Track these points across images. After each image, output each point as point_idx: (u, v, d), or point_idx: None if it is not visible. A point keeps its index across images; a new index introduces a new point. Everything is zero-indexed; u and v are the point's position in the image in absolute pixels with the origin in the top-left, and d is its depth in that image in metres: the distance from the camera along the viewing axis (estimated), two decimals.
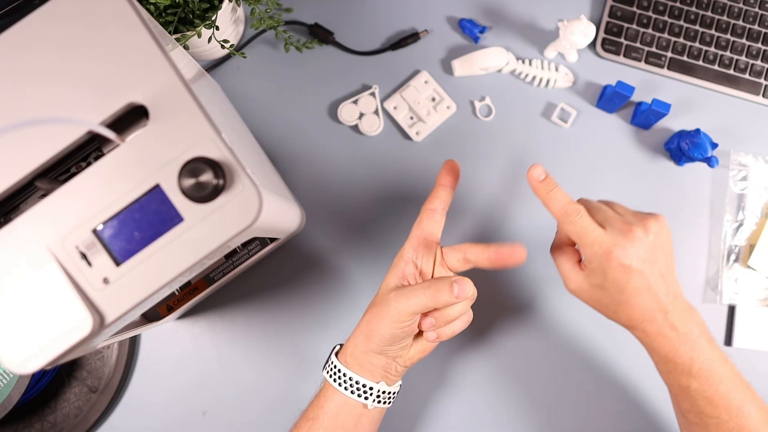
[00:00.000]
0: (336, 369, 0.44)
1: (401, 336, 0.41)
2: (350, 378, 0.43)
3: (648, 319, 0.40)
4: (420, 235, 0.45)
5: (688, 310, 0.41)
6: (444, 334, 0.43)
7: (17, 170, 0.30)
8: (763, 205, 0.60)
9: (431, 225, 0.45)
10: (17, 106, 0.30)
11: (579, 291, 0.42)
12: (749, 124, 0.62)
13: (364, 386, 0.43)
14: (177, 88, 0.30)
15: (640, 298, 0.39)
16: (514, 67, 0.61)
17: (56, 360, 0.29)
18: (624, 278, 0.38)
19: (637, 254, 0.38)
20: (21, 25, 0.31)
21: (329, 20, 0.61)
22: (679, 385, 0.41)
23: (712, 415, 0.41)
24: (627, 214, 0.41)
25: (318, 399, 0.45)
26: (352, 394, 0.43)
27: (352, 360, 0.44)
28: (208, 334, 0.57)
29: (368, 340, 0.42)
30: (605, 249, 0.38)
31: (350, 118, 0.59)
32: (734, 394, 0.40)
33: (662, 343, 0.40)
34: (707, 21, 0.62)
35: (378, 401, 0.44)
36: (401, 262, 0.44)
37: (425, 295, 0.40)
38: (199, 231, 0.30)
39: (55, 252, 0.29)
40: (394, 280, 0.44)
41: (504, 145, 0.60)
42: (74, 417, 0.55)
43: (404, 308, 0.40)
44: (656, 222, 0.40)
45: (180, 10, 0.49)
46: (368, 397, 0.43)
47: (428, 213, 0.45)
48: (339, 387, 0.43)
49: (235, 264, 0.53)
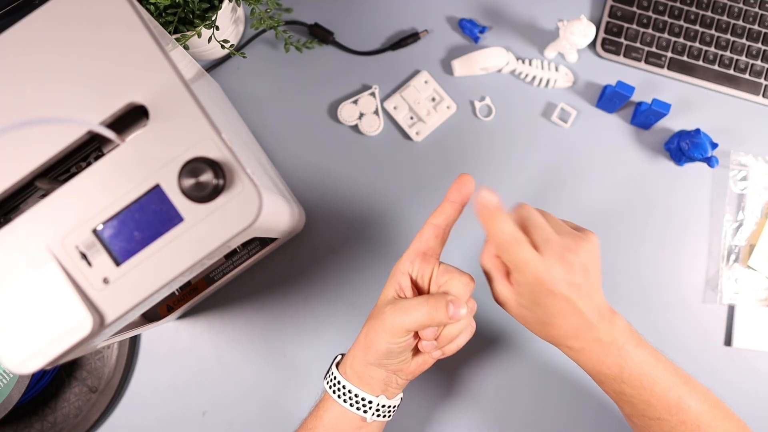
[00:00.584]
0: (336, 381, 0.43)
1: (398, 351, 0.41)
2: (349, 391, 0.42)
3: (572, 337, 0.39)
4: (419, 249, 0.43)
5: (612, 319, 0.40)
6: (449, 351, 0.42)
7: (17, 170, 0.30)
8: (763, 205, 0.60)
9: (432, 240, 0.43)
10: (17, 106, 0.30)
11: (505, 305, 0.41)
12: (749, 124, 0.62)
13: (363, 399, 0.42)
14: (177, 88, 0.30)
15: (565, 319, 0.38)
16: (514, 67, 0.61)
17: (56, 360, 0.29)
18: (551, 303, 0.38)
19: (567, 279, 0.37)
20: (21, 25, 0.31)
21: (329, 20, 0.61)
22: (614, 393, 0.41)
23: (654, 416, 0.40)
24: (563, 232, 0.39)
25: (317, 410, 0.44)
26: (351, 407, 0.42)
27: (351, 372, 0.43)
28: (208, 334, 0.57)
29: (366, 353, 0.42)
30: (537, 277, 0.37)
31: (350, 118, 0.59)
32: (671, 392, 0.40)
33: (588, 357, 0.40)
34: (707, 21, 0.62)
35: (378, 415, 0.43)
36: (398, 274, 0.43)
37: (420, 313, 0.39)
38: (199, 231, 0.30)
39: (55, 252, 0.29)
40: (391, 292, 0.43)
41: (504, 145, 0.60)
42: (74, 417, 0.55)
43: (399, 324, 0.39)
44: (588, 242, 0.39)
45: (180, 10, 0.49)
46: (367, 410, 0.42)
47: (431, 228, 0.43)
48: (338, 399, 0.43)
49: (235, 264, 0.53)
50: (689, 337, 0.58)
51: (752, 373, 0.58)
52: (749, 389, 0.58)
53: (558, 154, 0.60)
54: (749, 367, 0.58)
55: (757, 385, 0.58)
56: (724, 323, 0.59)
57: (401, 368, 0.43)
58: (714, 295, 0.59)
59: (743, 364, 0.58)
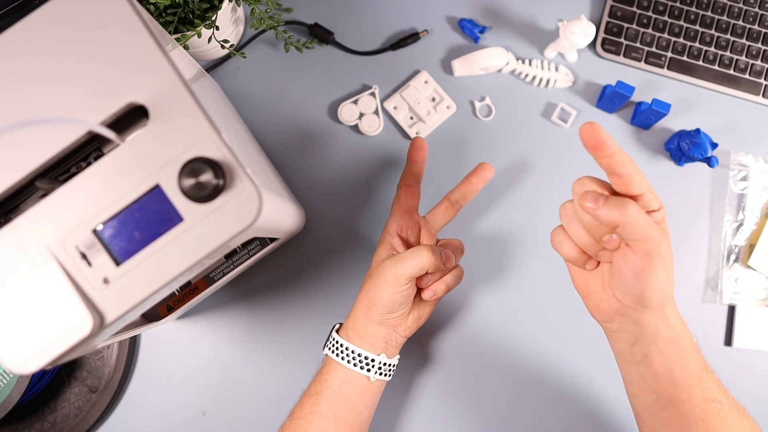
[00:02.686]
0: (339, 344, 0.46)
1: (400, 301, 0.44)
2: (353, 351, 0.45)
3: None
4: (400, 210, 0.49)
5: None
6: (439, 290, 0.47)
7: (17, 170, 0.30)
8: (763, 205, 0.60)
9: (409, 199, 0.50)
10: (17, 106, 0.30)
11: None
12: (749, 124, 0.62)
13: (367, 358, 0.45)
14: (177, 88, 0.30)
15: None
16: (514, 67, 0.61)
17: (56, 360, 0.29)
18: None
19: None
20: (21, 25, 0.31)
21: (329, 20, 0.61)
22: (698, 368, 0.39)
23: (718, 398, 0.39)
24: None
25: (321, 375, 0.47)
26: (355, 366, 0.45)
27: (353, 334, 0.46)
28: (208, 334, 0.57)
29: (369, 310, 0.45)
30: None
31: (350, 118, 0.59)
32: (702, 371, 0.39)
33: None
34: (707, 21, 0.62)
35: (380, 373, 0.46)
36: (387, 236, 0.48)
37: (418, 260, 0.43)
38: (199, 231, 0.30)
39: (55, 252, 0.29)
40: (384, 253, 0.47)
41: (504, 145, 0.60)
42: (74, 417, 0.55)
43: (401, 272, 0.43)
44: None
45: (180, 10, 0.49)
46: (371, 369, 0.45)
47: (405, 189, 0.50)
48: (342, 361, 0.45)
49: (235, 264, 0.53)
50: None
51: (752, 373, 0.58)
52: (749, 389, 0.58)
53: (558, 155, 0.60)
54: (749, 367, 0.58)
55: (757, 385, 0.58)
56: (724, 323, 0.59)
57: (400, 323, 0.46)
58: (714, 295, 0.59)
59: (743, 364, 0.58)
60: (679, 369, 0.38)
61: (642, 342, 0.38)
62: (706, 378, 0.38)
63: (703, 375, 0.38)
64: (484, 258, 0.59)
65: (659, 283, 0.36)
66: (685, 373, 0.38)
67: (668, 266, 0.36)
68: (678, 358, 0.38)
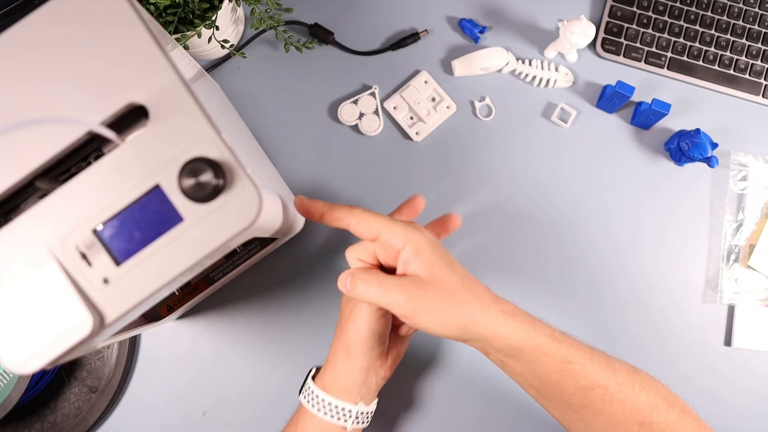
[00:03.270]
0: (314, 395, 0.44)
1: (378, 331, 0.42)
2: (329, 403, 0.44)
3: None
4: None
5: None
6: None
7: (17, 170, 0.30)
8: (763, 205, 0.60)
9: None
10: (17, 106, 0.30)
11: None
12: (749, 124, 0.62)
13: (344, 409, 0.44)
14: (177, 88, 0.30)
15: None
16: (514, 67, 0.61)
17: (56, 360, 0.29)
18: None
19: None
20: (21, 25, 0.31)
21: (329, 20, 0.61)
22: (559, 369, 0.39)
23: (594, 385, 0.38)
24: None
25: (296, 425, 0.45)
26: (331, 418, 0.44)
27: (331, 383, 0.44)
28: (208, 334, 0.57)
29: (348, 354, 0.43)
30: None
31: (350, 118, 0.59)
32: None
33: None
34: (707, 21, 0.62)
35: (357, 422, 0.44)
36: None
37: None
38: (199, 231, 0.30)
39: (55, 252, 0.29)
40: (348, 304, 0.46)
41: (504, 146, 0.60)
42: (74, 417, 0.55)
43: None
44: None
45: (180, 10, 0.49)
46: (347, 419, 0.44)
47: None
48: (318, 413, 0.44)
49: (235, 264, 0.53)
50: (689, 337, 0.58)
51: (752, 373, 0.58)
52: (749, 389, 0.58)
53: (558, 155, 0.60)
54: (749, 367, 0.58)
55: (757, 385, 0.58)
56: (724, 323, 0.59)
57: (381, 363, 0.45)
58: (714, 295, 0.59)
59: (743, 364, 0.58)
60: (536, 368, 0.37)
61: (491, 353, 0.38)
62: (571, 370, 0.37)
63: (567, 368, 0.37)
64: (483, 261, 0.58)
65: (441, 324, 0.36)
66: (544, 371, 0.37)
67: (434, 307, 0.35)
68: (530, 360, 0.37)
